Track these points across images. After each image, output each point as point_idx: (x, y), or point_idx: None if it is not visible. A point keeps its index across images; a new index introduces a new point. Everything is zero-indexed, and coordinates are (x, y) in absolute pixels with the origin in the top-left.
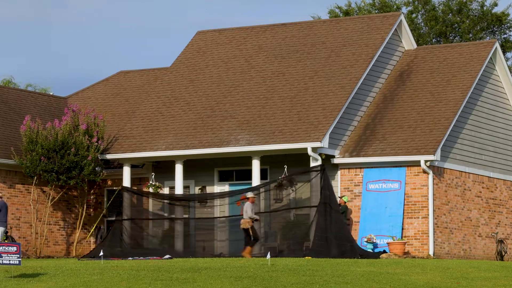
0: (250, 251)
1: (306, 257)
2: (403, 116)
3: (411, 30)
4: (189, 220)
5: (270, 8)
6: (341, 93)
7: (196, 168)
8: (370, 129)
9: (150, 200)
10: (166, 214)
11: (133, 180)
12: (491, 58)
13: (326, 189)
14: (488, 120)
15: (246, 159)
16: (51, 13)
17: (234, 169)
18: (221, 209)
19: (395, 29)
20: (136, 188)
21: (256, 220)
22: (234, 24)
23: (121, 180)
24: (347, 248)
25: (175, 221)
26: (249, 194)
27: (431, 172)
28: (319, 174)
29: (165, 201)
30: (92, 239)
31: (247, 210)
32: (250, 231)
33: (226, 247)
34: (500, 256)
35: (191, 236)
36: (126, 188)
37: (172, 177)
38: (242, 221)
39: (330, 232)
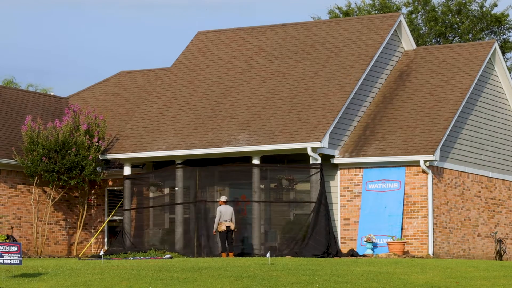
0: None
1: (287, 257)
2: (402, 116)
3: (411, 31)
4: (189, 211)
5: (270, 8)
6: (340, 93)
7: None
8: (369, 129)
9: (151, 194)
10: (167, 214)
11: None
12: (490, 58)
13: (323, 188)
14: (487, 120)
15: (246, 159)
16: (51, 13)
17: (234, 169)
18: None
19: (395, 30)
20: (136, 189)
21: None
22: (234, 25)
23: (121, 180)
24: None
25: (175, 211)
26: (223, 198)
27: (430, 172)
28: (319, 172)
29: (165, 190)
30: (94, 240)
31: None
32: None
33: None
34: (499, 255)
35: (191, 231)
36: (127, 177)
37: (172, 177)
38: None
39: (319, 230)
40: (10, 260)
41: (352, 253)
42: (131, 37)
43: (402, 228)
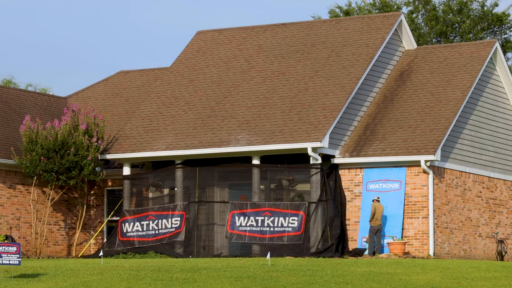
0: None
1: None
2: (403, 116)
3: (412, 30)
4: (190, 210)
5: (270, 7)
6: (341, 93)
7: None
8: (370, 129)
9: (150, 194)
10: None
11: None
12: (491, 58)
13: (338, 188)
14: (488, 120)
15: (246, 159)
16: (51, 12)
17: (234, 169)
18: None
19: (395, 29)
20: (135, 189)
21: None
22: (234, 24)
23: (121, 180)
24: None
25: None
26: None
27: (431, 172)
28: (319, 172)
29: (165, 190)
30: (93, 241)
31: None
32: None
33: (226, 242)
34: (500, 256)
35: (191, 231)
36: (126, 177)
37: (172, 177)
38: None
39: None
40: (9, 260)
41: (356, 251)
42: (130, 37)
43: (402, 229)
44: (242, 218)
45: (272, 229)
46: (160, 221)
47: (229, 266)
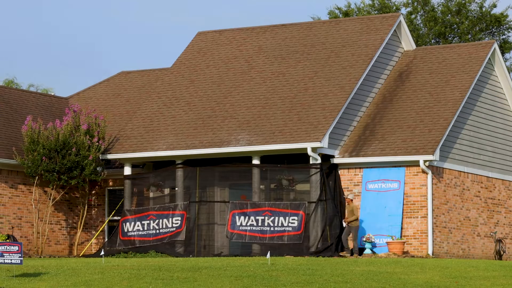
0: None
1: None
2: (402, 116)
3: (410, 31)
4: (190, 210)
5: (270, 8)
6: (340, 93)
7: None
8: (369, 129)
9: (151, 194)
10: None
11: None
12: (489, 59)
13: (338, 187)
14: (487, 120)
15: (246, 159)
16: (52, 13)
17: (234, 169)
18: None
19: (394, 30)
20: (136, 189)
21: None
22: (234, 25)
23: (122, 180)
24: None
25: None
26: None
27: (430, 172)
28: (319, 172)
29: (166, 190)
30: (95, 240)
31: None
32: None
33: (227, 241)
34: (499, 255)
35: (192, 231)
36: (127, 177)
37: (173, 177)
38: None
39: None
40: (11, 259)
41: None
42: (131, 37)
43: (401, 228)
44: (242, 217)
45: (272, 228)
46: (160, 220)
47: (230, 265)
